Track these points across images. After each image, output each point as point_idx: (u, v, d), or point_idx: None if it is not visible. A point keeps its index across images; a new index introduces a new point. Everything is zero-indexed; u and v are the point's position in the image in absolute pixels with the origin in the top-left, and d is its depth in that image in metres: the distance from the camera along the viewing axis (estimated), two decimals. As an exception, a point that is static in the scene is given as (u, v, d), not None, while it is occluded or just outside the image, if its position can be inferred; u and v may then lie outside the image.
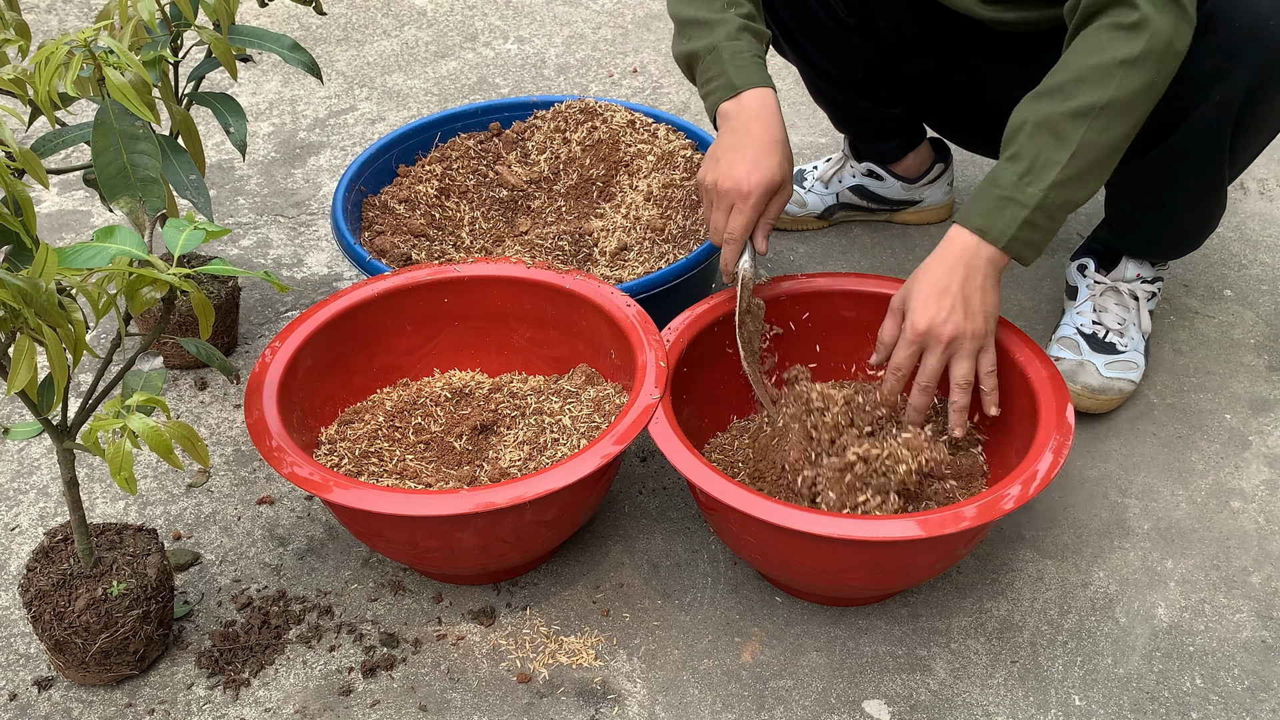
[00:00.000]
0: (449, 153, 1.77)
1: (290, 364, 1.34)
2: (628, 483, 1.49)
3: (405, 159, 1.77)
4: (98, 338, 1.70)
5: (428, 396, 1.46)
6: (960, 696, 1.24)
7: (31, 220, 1.01)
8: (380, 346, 1.47)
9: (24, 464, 1.50)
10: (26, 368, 0.96)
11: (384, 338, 1.47)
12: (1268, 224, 1.94)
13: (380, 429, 1.40)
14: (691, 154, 1.70)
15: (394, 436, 1.40)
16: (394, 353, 1.49)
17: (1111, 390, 1.54)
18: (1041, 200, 1.23)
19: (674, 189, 1.64)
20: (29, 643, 1.28)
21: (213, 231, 1.07)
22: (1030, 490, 1.17)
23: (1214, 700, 1.24)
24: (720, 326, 1.41)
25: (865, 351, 1.46)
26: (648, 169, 1.68)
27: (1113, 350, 1.56)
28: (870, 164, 1.85)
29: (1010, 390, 1.34)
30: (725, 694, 1.24)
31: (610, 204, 1.68)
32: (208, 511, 1.44)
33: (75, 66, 1.11)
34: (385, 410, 1.43)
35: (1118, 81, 1.21)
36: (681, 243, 1.59)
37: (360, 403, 1.46)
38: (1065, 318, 1.63)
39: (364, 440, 1.38)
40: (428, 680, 1.25)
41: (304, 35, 2.55)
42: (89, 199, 2.02)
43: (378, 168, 1.72)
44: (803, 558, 1.21)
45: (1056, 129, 1.22)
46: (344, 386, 1.45)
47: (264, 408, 1.27)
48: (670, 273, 1.50)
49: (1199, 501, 1.46)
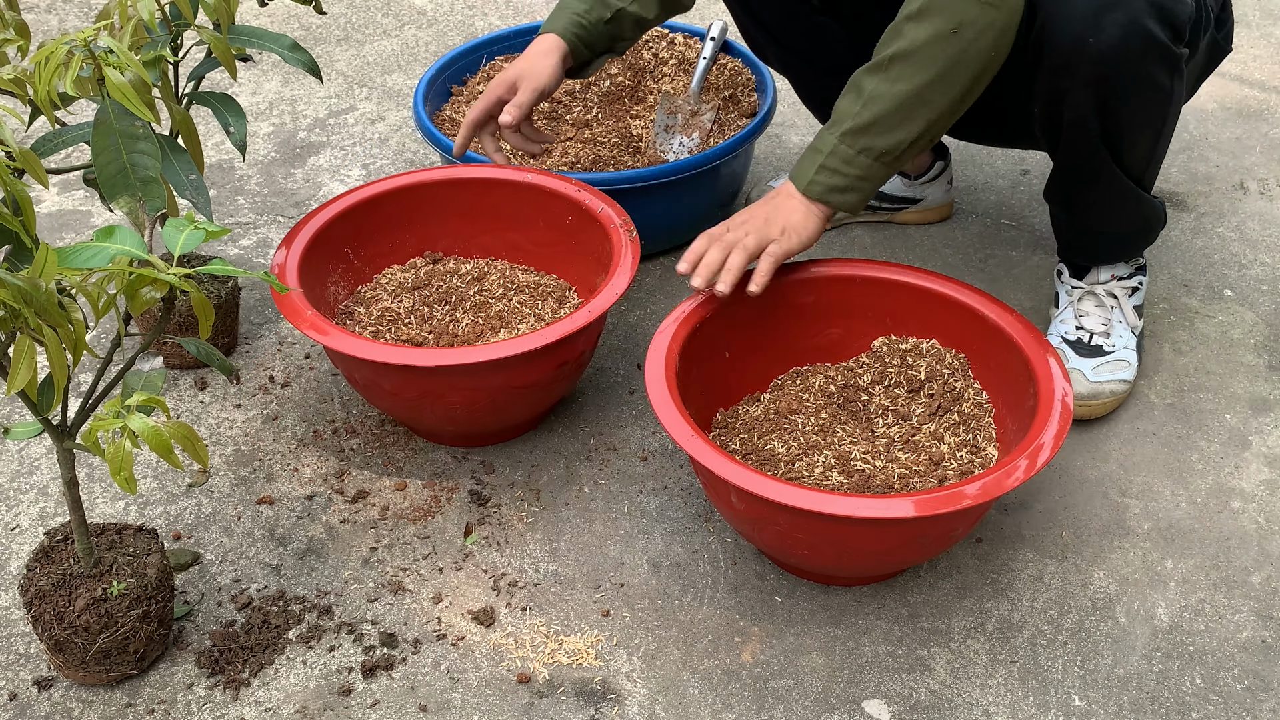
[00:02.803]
0: (492, 74, 1.99)
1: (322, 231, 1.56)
2: (628, 482, 1.49)
3: (455, 79, 2.01)
4: (98, 338, 1.70)
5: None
6: (960, 696, 1.24)
7: (31, 220, 1.01)
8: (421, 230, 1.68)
9: (24, 464, 1.50)
10: (26, 368, 0.96)
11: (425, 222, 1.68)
12: (1268, 224, 1.94)
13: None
14: None
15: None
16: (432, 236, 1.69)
17: (1103, 394, 1.54)
18: (834, 147, 1.34)
19: None
20: (29, 643, 1.28)
21: (213, 231, 1.07)
22: (1036, 464, 1.20)
23: (1214, 700, 1.24)
24: (709, 322, 1.42)
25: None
26: (671, 73, 1.97)
27: (1099, 352, 1.56)
28: None
29: (1013, 372, 1.36)
30: (725, 694, 1.24)
31: (642, 105, 1.94)
32: (208, 511, 1.44)
33: (75, 66, 1.11)
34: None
35: (901, 36, 1.30)
36: (714, 132, 1.89)
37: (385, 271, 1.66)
38: (1051, 326, 1.63)
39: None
40: (428, 680, 1.25)
41: (304, 35, 2.55)
42: (89, 199, 2.02)
43: (437, 88, 1.96)
44: (810, 536, 1.23)
45: (854, 83, 1.35)
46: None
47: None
48: (708, 156, 1.74)
49: (1199, 501, 1.46)
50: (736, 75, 1.98)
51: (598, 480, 1.49)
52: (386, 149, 2.15)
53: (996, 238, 1.91)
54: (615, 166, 1.83)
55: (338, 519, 1.44)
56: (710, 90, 1.96)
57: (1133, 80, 1.34)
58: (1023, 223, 1.95)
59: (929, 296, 1.46)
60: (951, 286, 1.45)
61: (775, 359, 1.50)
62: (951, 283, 1.45)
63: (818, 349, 1.51)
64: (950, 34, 1.27)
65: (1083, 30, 1.31)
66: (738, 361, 1.47)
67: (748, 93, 1.96)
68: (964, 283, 1.45)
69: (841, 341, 1.50)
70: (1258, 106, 2.26)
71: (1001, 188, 2.04)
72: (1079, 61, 1.33)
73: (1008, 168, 2.09)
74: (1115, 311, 1.59)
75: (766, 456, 1.36)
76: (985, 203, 2.00)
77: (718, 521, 1.43)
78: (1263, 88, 2.33)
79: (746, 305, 1.41)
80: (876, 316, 1.49)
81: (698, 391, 1.39)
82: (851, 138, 1.33)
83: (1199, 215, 1.96)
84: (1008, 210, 1.98)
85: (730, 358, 1.46)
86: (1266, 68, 2.39)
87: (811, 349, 1.51)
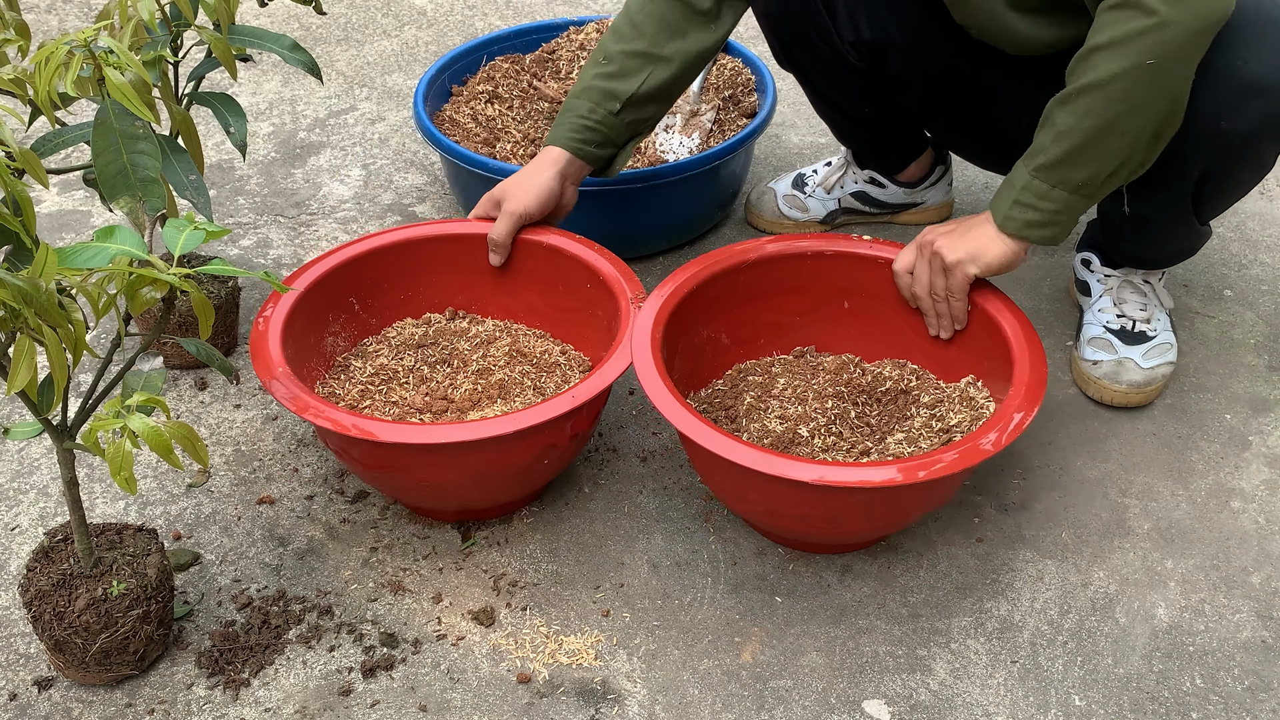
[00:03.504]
0: (493, 73, 1.99)
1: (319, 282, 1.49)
2: (628, 482, 1.49)
3: (455, 80, 2.01)
4: (98, 338, 1.70)
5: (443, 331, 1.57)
6: (960, 696, 1.24)
7: (31, 220, 1.01)
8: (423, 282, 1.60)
9: (24, 464, 1.50)
10: (26, 368, 0.96)
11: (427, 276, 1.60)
12: (1268, 224, 1.94)
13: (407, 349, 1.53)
14: None
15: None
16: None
17: (1156, 380, 1.56)
18: (1028, 182, 1.31)
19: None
20: (29, 643, 1.28)
21: (213, 231, 1.07)
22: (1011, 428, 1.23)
23: (1214, 700, 1.24)
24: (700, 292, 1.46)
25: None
26: None
27: (1145, 339, 1.57)
28: (873, 172, 1.85)
29: (988, 339, 1.40)
30: (725, 694, 1.24)
31: None
32: (208, 511, 1.44)
33: (75, 66, 1.11)
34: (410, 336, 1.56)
35: (1094, 66, 1.24)
36: (714, 132, 1.90)
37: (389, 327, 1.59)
38: (1088, 316, 1.62)
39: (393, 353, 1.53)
40: (428, 680, 1.25)
41: (304, 35, 2.55)
42: (89, 199, 2.02)
43: (437, 88, 1.96)
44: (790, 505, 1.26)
45: (1047, 117, 1.30)
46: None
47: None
48: (708, 156, 1.74)
49: (1199, 501, 1.46)
50: (736, 75, 1.98)
51: (598, 480, 1.49)
52: (386, 149, 2.15)
53: (996, 238, 1.91)
54: None
55: (338, 519, 1.44)
56: (710, 90, 1.96)
57: (1251, 159, 1.35)
58: (1023, 223, 1.95)
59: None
60: None
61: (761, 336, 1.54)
62: None
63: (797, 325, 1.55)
64: (1144, 65, 1.21)
65: (1222, 111, 1.30)
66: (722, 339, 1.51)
67: (748, 93, 1.96)
68: None
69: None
70: (1258, 106, 2.26)
71: (1001, 188, 2.04)
72: (1207, 138, 1.32)
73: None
74: (1152, 296, 1.60)
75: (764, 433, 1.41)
76: (985, 203, 2.00)
77: (718, 521, 1.43)
78: (1263, 88, 2.32)
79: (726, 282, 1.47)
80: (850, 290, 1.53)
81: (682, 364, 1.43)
82: (1045, 172, 1.30)
83: (1199, 215, 1.96)
84: (1008, 210, 1.98)
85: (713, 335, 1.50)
86: (1266, 68, 2.39)
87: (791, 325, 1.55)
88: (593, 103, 1.50)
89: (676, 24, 1.49)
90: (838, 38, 1.56)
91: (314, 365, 1.47)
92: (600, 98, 1.50)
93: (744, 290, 1.50)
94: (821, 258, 1.50)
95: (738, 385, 1.48)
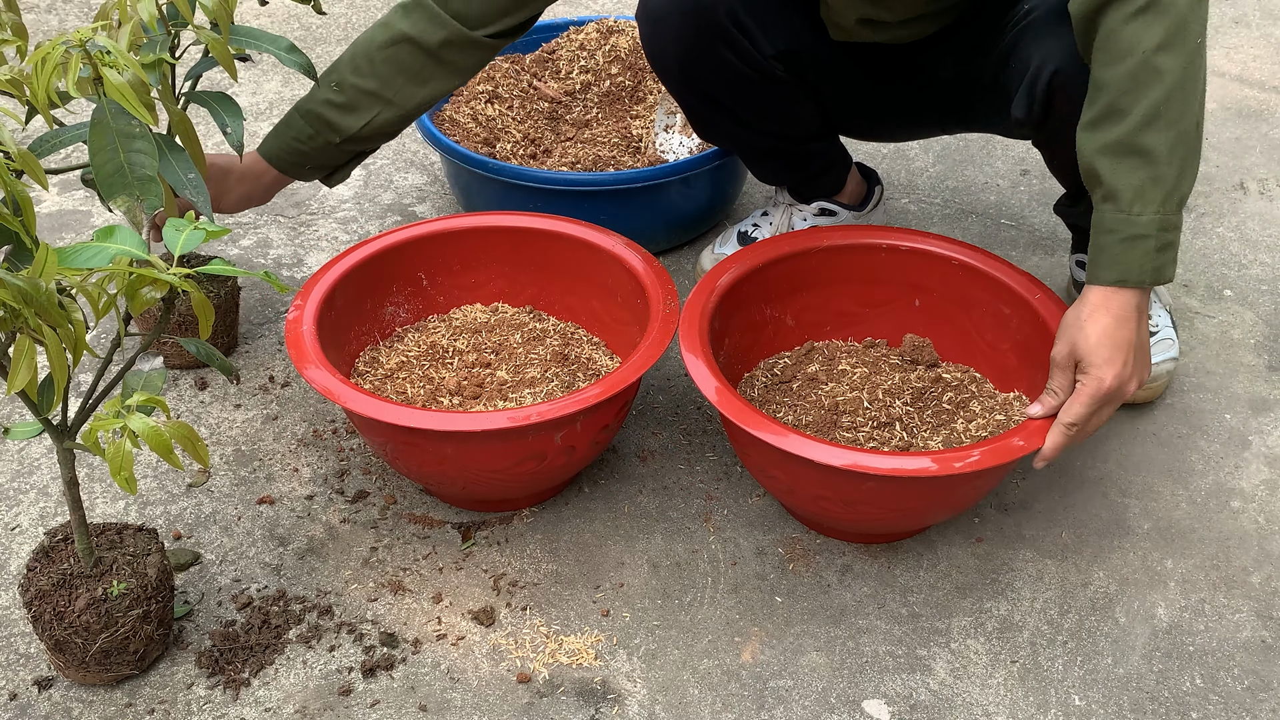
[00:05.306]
0: (493, 73, 1.98)
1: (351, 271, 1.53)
2: (628, 482, 1.49)
3: None
4: (98, 338, 1.70)
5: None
6: (960, 696, 1.24)
7: (31, 220, 1.01)
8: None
9: (24, 464, 1.50)
10: (26, 368, 0.96)
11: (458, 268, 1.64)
12: (1268, 224, 1.94)
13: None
14: None
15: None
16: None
17: (1161, 375, 1.56)
18: (1161, 221, 1.21)
19: None
20: (29, 642, 1.28)
21: (213, 231, 1.07)
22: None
23: (1214, 700, 1.24)
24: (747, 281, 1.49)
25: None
26: None
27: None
28: (820, 201, 1.78)
29: (1037, 336, 1.42)
30: (725, 694, 1.24)
31: (642, 105, 1.92)
32: (208, 511, 1.44)
33: (75, 67, 1.11)
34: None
35: (1162, 72, 1.17)
36: None
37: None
38: None
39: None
40: (428, 680, 1.25)
41: (304, 35, 2.55)
42: (89, 199, 2.02)
43: None
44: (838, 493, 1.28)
45: (1135, 148, 1.19)
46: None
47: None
48: (709, 156, 1.76)
49: (1199, 501, 1.46)
50: None
51: (598, 480, 1.49)
52: (386, 149, 2.15)
53: (996, 238, 1.91)
54: (615, 166, 1.83)
55: (338, 519, 1.44)
56: None
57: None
58: (1022, 223, 1.95)
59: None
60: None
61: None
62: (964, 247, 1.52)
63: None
64: (1193, 48, 1.19)
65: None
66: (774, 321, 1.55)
67: None
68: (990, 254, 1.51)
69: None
70: (1257, 106, 2.26)
71: (1002, 188, 2.04)
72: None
73: (1007, 168, 2.09)
74: (1151, 292, 1.59)
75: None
76: (985, 203, 2.00)
77: (718, 521, 1.43)
78: (1262, 88, 2.33)
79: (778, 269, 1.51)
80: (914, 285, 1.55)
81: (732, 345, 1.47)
82: (1167, 201, 1.21)
83: (1199, 215, 1.96)
84: (1008, 210, 1.98)
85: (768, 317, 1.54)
86: (1266, 68, 2.40)
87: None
88: (313, 129, 1.51)
89: (417, 71, 1.49)
90: (758, 55, 1.51)
91: (366, 329, 1.55)
92: (322, 126, 1.51)
93: (814, 276, 1.53)
94: (895, 252, 1.53)
95: (800, 360, 1.53)
